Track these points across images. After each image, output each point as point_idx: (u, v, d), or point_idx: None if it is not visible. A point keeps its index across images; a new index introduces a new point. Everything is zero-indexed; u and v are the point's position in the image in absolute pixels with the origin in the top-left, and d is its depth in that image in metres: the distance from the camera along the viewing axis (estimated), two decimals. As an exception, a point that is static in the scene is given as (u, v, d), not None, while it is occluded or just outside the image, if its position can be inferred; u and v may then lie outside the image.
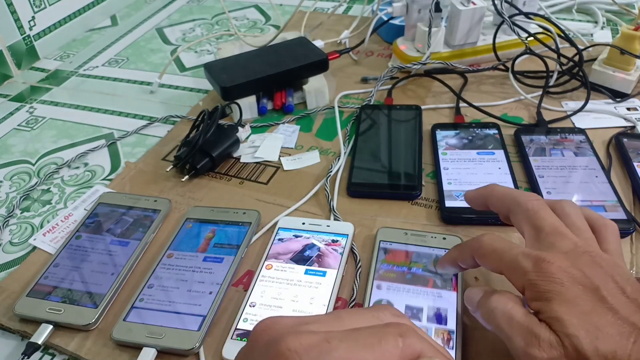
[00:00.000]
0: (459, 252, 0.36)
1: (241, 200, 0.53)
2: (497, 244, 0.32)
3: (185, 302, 0.41)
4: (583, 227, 0.33)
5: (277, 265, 0.44)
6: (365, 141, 0.58)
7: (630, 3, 0.82)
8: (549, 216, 0.33)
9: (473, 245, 0.34)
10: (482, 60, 0.69)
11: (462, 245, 0.36)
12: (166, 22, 0.94)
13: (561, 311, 0.27)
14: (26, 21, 0.81)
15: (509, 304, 0.29)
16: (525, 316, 0.28)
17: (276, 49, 0.68)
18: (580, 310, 0.27)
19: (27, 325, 0.42)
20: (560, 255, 0.29)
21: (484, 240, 0.33)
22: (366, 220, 0.49)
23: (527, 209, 0.33)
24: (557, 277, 0.28)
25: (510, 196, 0.35)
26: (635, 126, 0.57)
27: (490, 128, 0.57)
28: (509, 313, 0.29)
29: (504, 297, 0.30)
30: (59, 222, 0.52)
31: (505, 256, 0.31)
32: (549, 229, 0.32)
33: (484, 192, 0.38)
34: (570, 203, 0.35)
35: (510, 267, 0.30)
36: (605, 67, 0.62)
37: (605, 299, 0.27)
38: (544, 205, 0.34)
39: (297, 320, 0.25)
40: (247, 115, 0.64)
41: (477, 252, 0.33)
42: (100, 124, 0.67)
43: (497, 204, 0.37)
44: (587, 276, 0.28)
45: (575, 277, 0.28)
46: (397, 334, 0.23)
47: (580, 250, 0.30)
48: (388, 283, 0.41)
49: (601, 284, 0.27)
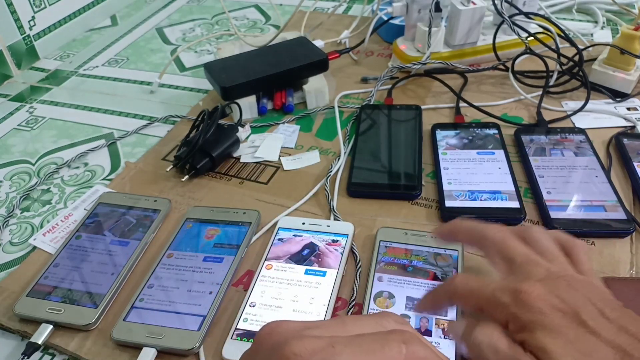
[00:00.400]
0: (434, 298, 0.35)
1: (241, 200, 0.53)
2: (471, 283, 0.32)
3: (185, 302, 0.41)
4: (555, 252, 0.33)
5: (277, 265, 0.44)
6: (365, 141, 0.57)
7: (630, 3, 0.82)
8: (518, 245, 0.33)
9: (448, 290, 0.33)
10: (482, 60, 0.69)
11: (435, 291, 0.35)
12: (166, 22, 0.94)
13: (546, 341, 0.27)
14: (26, 21, 0.81)
15: (493, 335, 0.29)
16: (511, 347, 0.28)
17: (276, 49, 0.68)
18: (565, 338, 0.27)
19: (27, 325, 0.42)
20: (536, 284, 0.29)
21: (457, 282, 0.32)
22: (366, 220, 0.49)
23: (494, 241, 0.33)
24: (536, 307, 0.28)
25: (476, 230, 0.35)
26: (635, 126, 0.57)
27: (490, 128, 0.57)
28: (494, 346, 0.28)
29: (488, 328, 0.29)
30: (59, 222, 0.52)
31: (482, 294, 0.31)
32: (520, 259, 0.32)
33: (451, 228, 0.38)
34: (537, 229, 0.34)
35: (490, 304, 0.30)
36: (605, 67, 0.62)
37: (586, 324, 0.27)
38: (511, 235, 0.34)
39: (301, 325, 0.25)
40: (247, 115, 0.64)
41: (453, 296, 0.32)
42: (100, 124, 0.67)
43: (465, 239, 0.37)
44: (565, 302, 0.28)
45: (554, 304, 0.28)
46: (400, 341, 0.24)
47: (554, 275, 0.30)
48: (389, 275, 0.41)
49: (580, 309, 0.27)
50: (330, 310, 0.40)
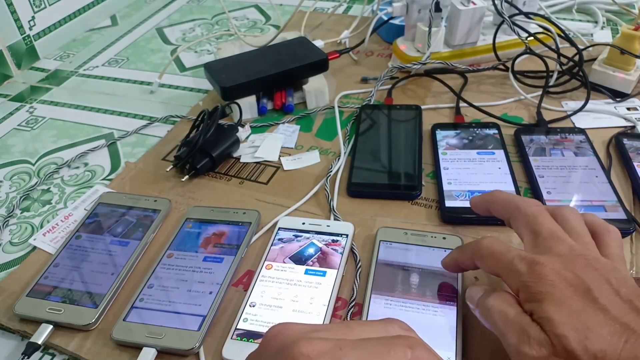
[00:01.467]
0: (459, 253, 0.37)
1: (241, 200, 0.53)
2: (495, 246, 0.33)
3: (185, 302, 0.41)
4: (582, 232, 0.33)
5: (277, 265, 0.44)
6: (365, 141, 0.57)
7: (630, 3, 0.82)
8: (547, 221, 0.33)
9: (473, 248, 0.35)
10: (482, 60, 0.69)
11: (463, 247, 0.37)
12: (166, 22, 0.94)
13: (551, 311, 0.28)
14: (26, 21, 0.81)
15: (504, 303, 0.30)
16: (519, 315, 0.29)
17: (276, 49, 0.68)
18: (570, 310, 0.27)
19: (27, 325, 0.42)
20: (554, 258, 0.30)
21: (483, 242, 0.34)
22: (366, 220, 0.49)
23: (526, 214, 0.34)
24: (549, 279, 0.29)
25: (512, 202, 0.36)
26: (635, 126, 0.57)
27: (490, 128, 0.57)
28: (504, 312, 0.30)
29: (501, 296, 0.31)
30: (59, 222, 0.52)
31: (502, 259, 0.32)
32: (546, 234, 0.32)
33: (487, 198, 0.39)
34: (570, 209, 0.35)
35: (506, 269, 0.31)
36: (605, 67, 0.62)
37: (596, 300, 0.27)
38: (544, 210, 0.34)
39: (308, 328, 0.26)
40: (247, 115, 0.64)
41: (476, 254, 0.34)
42: (100, 124, 0.67)
43: (499, 210, 0.37)
44: (579, 277, 0.28)
45: (567, 278, 0.29)
46: (406, 345, 0.24)
47: (575, 253, 0.30)
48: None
49: (593, 286, 0.28)
50: (330, 310, 0.40)
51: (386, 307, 0.40)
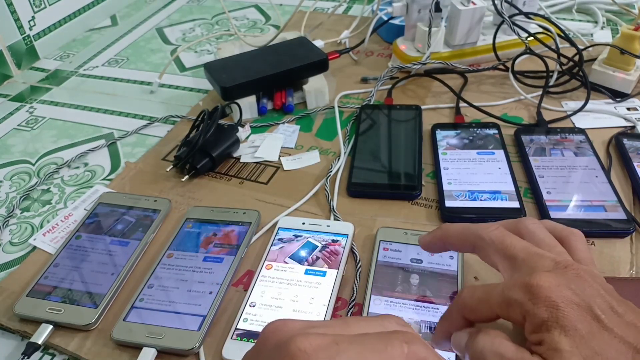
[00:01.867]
0: (447, 321, 0.33)
1: (241, 200, 0.53)
2: (478, 292, 0.31)
3: (185, 302, 0.41)
4: (551, 242, 0.32)
5: (277, 265, 0.44)
6: (365, 141, 0.57)
7: (630, 3, 0.82)
8: (516, 241, 0.32)
9: (458, 308, 0.32)
10: (482, 60, 0.69)
11: (446, 313, 0.33)
12: (166, 22, 0.94)
13: (562, 342, 0.26)
14: (26, 21, 0.81)
15: (495, 340, 0.28)
16: (515, 352, 0.27)
17: (276, 49, 0.68)
18: (579, 335, 0.26)
19: (27, 325, 0.42)
20: (546, 275, 0.28)
21: (464, 296, 0.31)
22: (366, 220, 0.49)
23: (491, 241, 0.32)
24: (552, 301, 0.27)
25: (469, 232, 0.34)
26: (635, 126, 0.57)
27: (490, 128, 0.57)
28: (498, 351, 0.28)
29: (490, 334, 0.29)
30: (59, 222, 0.52)
31: (493, 298, 0.29)
32: (522, 255, 0.31)
33: (439, 234, 0.36)
34: (530, 220, 0.34)
35: (503, 305, 0.29)
36: (605, 67, 0.62)
37: (599, 318, 0.26)
38: (506, 232, 0.33)
39: (305, 324, 0.26)
40: (247, 115, 0.64)
41: (463, 310, 0.31)
42: (100, 124, 0.67)
43: (457, 244, 0.35)
44: (578, 294, 0.27)
45: (567, 296, 0.27)
46: (402, 341, 0.24)
47: (562, 265, 0.29)
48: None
49: (592, 302, 0.27)
50: (330, 310, 0.40)
51: (386, 307, 0.40)
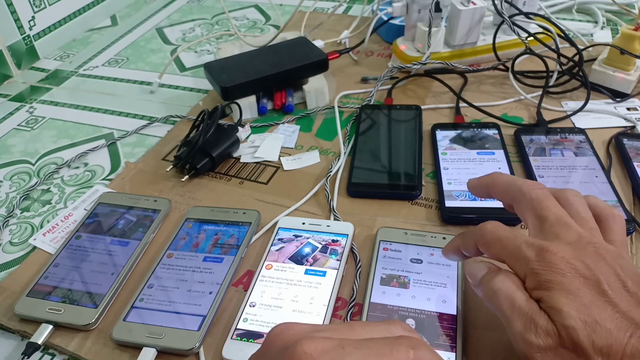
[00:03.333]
0: (462, 240, 0.35)
1: (241, 200, 0.53)
2: (500, 232, 0.32)
3: (185, 302, 0.41)
4: (587, 217, 0.32)
5: (277, 265, 0.44)
6: (365, 141, 0.57)
7: (630, 3, 0.82)
8: (553, 206, 0.32)
9: (476, 233, 0.33)
10: (482, 60, 0.69)
11: (465, 233, 0.35)
12: (166, 22, 0.94)
13: (561, 302, 0.27)
14: (26, 21, 0.81)
15: (512, 287, 0.29)
16: (526, 302, 0.28)
17: (276, 49, 0.68)
18: (580, 302, 0.27)
19: (27, 325, 0.42)
20: (563, 246, 0.29)
21: (487, 228, 0.32)
22: (366, 220, 0.49)
23: (530, 198, 0.33)
24: (559, 268, 0.28)
25: (514, 185, 0.35)
26: (635, 126, 0.57)
27: (490, 128, 0.57)
28: (512, 297, 0.29)
29: (508, 279, 0.30)
30: (59, 222, 0.52)
31: (509, 244, 0.31)
32: (553, 219, 0.31)
33: (487, 180, 0.37)
34: (574, 192, 0.34)
35: (513, 255, 0.30)
36: (605, 67, 0.62)
37: (605, 293, 0.27)
38: (548, 194, 0.33)
39: (311, 327, 0.26)
40: (247, 115, 0.64)
41: (480, 240, 0.33)
42: (100, 124, 0.67)
43: (500, 194, 0.36)
44: (590, 268, 0.28)
45: (577, 268, 0.28)
46: (408, 346, 0.24)
47: (585, 241, 0.30)
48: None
49: (603, 277, 0.27)
50: (330, 310, 0.40)
51: (386, 307, 0.40)
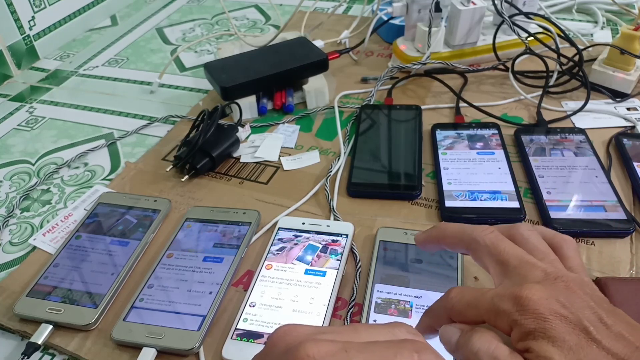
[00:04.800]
0: (431, 318, 0.33)
1: (241, 200, 0.53)
2: (467, 296, 0.31)
3: (185, 302, 0.41)
4: (545, 250, 0.32)
5: (277, 265, 0.44)
6: (365, 141, 0.57)
7: (630, 3, 0.82)
8: (510, 247, 0.32)
9: (444, 307, 0.32)
10: (482, 60, 0.69)
11: (431, 310, 0.33)
12: (166, 22, 0.94)
13: (550, 350, 0.26)
14: (26, 21, 0.81)
15: (492, 344, 0.28)
16: (510, 356, 0.28)
17: (276, 49, 0.68)
18: (568, 346, 0.26)
19: (27, 325, 0.42)
20: (535, 288, 0.28)
21: (452, 297, 0.31)
22: (366, 220, 0.49)
23: (485, 244, 0.32)
24: (540, 313, 0.27)
25: (465, 234, 0.34)
26: (635, 126, 0.57)
27: (490, 128, 0.57)
28: (494, 355, 0.28)
29: (486, 336, 0.29)
30: (58, 222, 0.52)
31: (481, 305, 0.30)
32: (514, 262, 0.31)
33: (435, 233, 0.36)
34: (525, 226, 0.34)
35: (491, 313, 0.29)
36: (605, 67, 0.62)
37: (588, 330, 0.27)
38: (501, 236, 0.33)
39: (314, 329, 0.26)
40: (247, 115, 0.64)
41: (451, 311, 0.31)
42: (100, 124, 0.67)
43: (451, 245, 0.35)
44: (566, 306, 0.27)
45: (555, 310, 0.27)
46: (413, 350, 0.24)
47: (552, 277, 0.29)
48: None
49: (581, 314, 0.27)
50: (330, 310, 0.40)
51: (386, 307, 0.40)
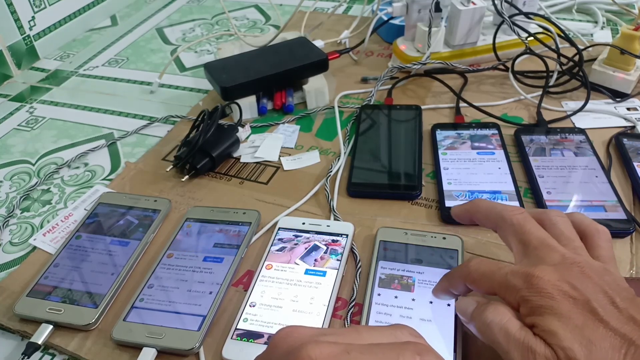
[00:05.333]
0: (449, 281, 0.36)
1: (241, 200, 0.53)
2: (484, 267, 0.32)
3: (185, 302, 0.41)
4: (571, 236, 0.33)
5: (277, 265, 0.44)
6: (365, 141, 0.58)
7: (630, 3, 0.82)
8: (535, 229, 0.33)
9: (462, 273, 0.34)
10: (482, 60, 0.69)
11: (451, 273, 0.36)
12: (166, 22, 0.94)
13: (555, 325, 0.27)
14: (26, 21, 0.81)
15: (505, 317, 0.29)
16: (521, 330, 0.29)
17: (276, 49, 0.68)
18: (573, 323, 0.27)
19: (27, 325, 0.42)
20: (548, 269, 0.29)
21: (471, 266, 0.33)
22: (366, 220, 0.49)
23: (512, 223, 0.33)
24: (547, 292, 0.28)
25: (495, 211, 0.35)
26: (635, 126, 0.57)
27: (490, 128, 0.57)
28: (506, 327, 0.29)
29: (500, 309, 0.30)
30: (59, 222, 0.52)
31: (495, 277, 0.31)
32: (535, 243, 0.32)
33: (469, 207, 0.38)
34: (556, 212, 0.34)
35: (502, 287, 0.31)
36: (605, 67, 0.62)
37: (596, 311, 0.27)
38: (529, 218, 0.34)
39: (317, 331, 0.26)
40: (247, 115, 0.64)
41: (467, 278, 0.33)
42: (100, 124, 0.67)
43: (483, 220, 0.37)
44: (577, 289, 0.28)
45: (565, 290, 0.28)
46: (414, 352, 0.24)
47: (569, 262, 0.30)
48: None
49: (591, 296, 0.28)
50: (330, 310, 0.40)
51: (386, 307, 0.40)
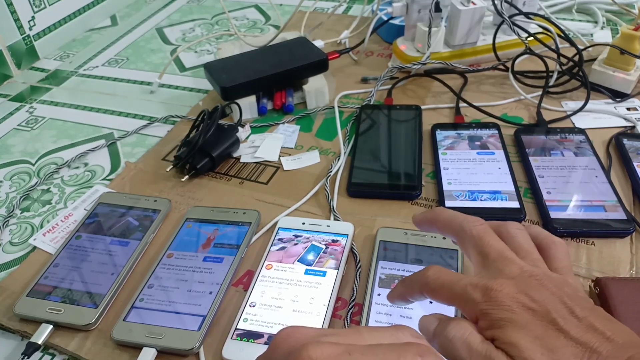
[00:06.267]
0: (405, 287, 0.35)
1: (241, 200, 0.53)
2: (443, 277, 0.32)
3: (185, 302, 0.41)
4: (529, 249, 0.33)
5: (277, 265, 0.44)
6: (365, 141, 0.58)
7: (630, 3, 0.82)
8: (494, 241, 0.32)
9: (420, 281, 0.33)
10: (482, 60, 0.69)
11: (408, 279, 0.34)
12: (166, 22, 0.94)
13: (515, 337, 0.27)
14: (26, 21, 0.81)
15: (466, 331, 0.29)
16: (482, 344, 0.28)
17: (276, 49, 0.68)
18: (534, 334, 0.27)
19: (27, 325, 0.42)
20: (507, 282, 0.29)
21: (429, 275, 0.32)
22: (366, 220, 0.49)
23: (471, 235, 0.33)
24: (507, 305, 0.28)
25: (456, 221, 0.35)
26: (635, 126, 0.57)
27: (490, 128, 0.57)
28: (467, 341, 0.29)
29: (461, 324, 0.30)
30: (59, 222, 0.52)
31: (454, 289, 0.31)
32: (494, 255, 0.32)
33: (430, 216, 0.37)
34: (515, 225, 0.34)
35: (461, 299, 0.30)
36: (605, 67, 0.62)
37: (556, 321, 0.27)
38: (489, 230, 0.33)
39: (318, 332, 0.26)
40: (247, 115, 0.64)
41: (424, 287, 0.32)
42: (100, 124, 0.67)
43: (443, 229, 0.36)
44: (536, 300, 0.28)
45: (524, 302, 0.28)
46: (416, 353, 0.24)
47: (527, 274, 0.30)
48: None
49: (551, 307, 0.28)
50: (330, 310, 0.40)
51: (386, 307, 0.40)
